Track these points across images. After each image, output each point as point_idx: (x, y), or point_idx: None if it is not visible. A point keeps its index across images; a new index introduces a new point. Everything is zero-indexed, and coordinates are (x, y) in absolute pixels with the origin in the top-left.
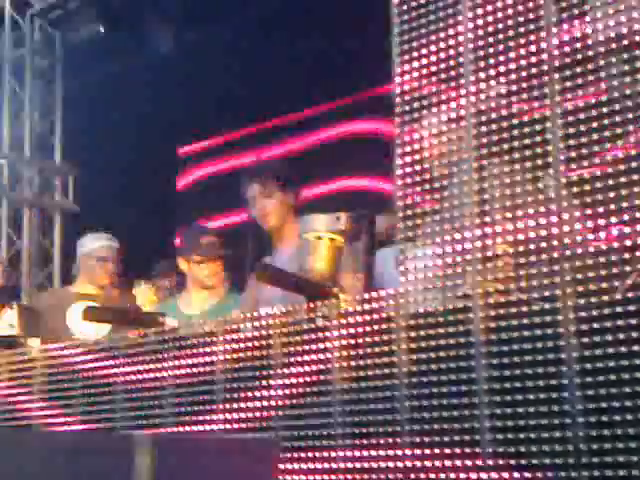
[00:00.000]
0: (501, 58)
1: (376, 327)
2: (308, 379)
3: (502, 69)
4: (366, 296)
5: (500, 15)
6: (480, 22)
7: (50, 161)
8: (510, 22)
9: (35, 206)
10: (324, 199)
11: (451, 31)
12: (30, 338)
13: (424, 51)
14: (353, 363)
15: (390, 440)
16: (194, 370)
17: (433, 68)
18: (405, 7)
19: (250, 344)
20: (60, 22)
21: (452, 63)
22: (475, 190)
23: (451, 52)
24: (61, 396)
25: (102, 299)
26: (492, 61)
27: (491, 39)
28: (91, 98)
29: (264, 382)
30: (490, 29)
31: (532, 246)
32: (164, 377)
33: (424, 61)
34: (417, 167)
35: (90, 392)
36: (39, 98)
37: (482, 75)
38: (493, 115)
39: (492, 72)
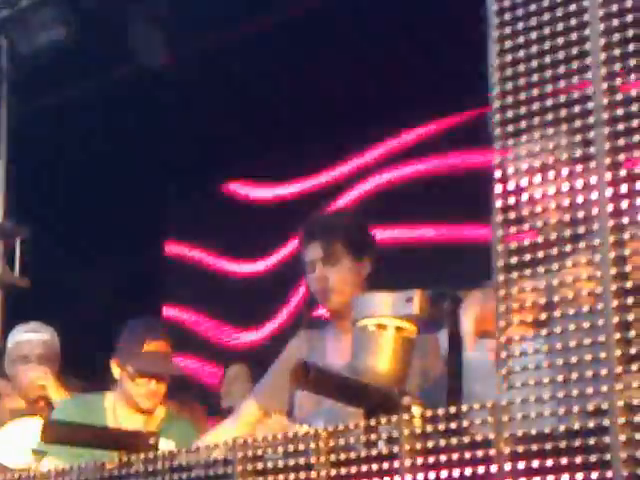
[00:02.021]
0: None
1: (467, 455)
2: None
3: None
4: (451, 410)
5: None
6: None
7: None
8: None
9: None
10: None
11: None
12: None
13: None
14: None
15: None
16: None
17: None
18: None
19: (281, 478)
20: (8, 25)
21: None
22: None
23: None
24: None
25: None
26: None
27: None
28: (48, 129)
29: None
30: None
31: None
32: None
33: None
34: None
35: None
36: None
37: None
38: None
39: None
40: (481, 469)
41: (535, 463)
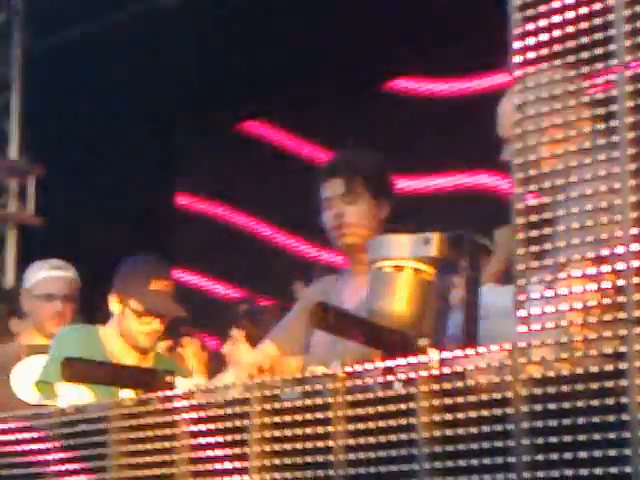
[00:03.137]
0: None
1: (484, 397)
2: (383, 469)
3: None
4: (469, 352)
5: None
6: None
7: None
8: None
9: None
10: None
11: None
12: None
13: None
14: (449, 448)
15: None
16: (214, 454)
17: None
18: None
19: (298, 418)
20: None
21: None
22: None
23: None
24: None
25: None
26: None
27: None
28: (64, 67)
29: (319, 474)
30: None
31: None
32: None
33: None
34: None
35: None
36: None
37: None
38: None
39: None
40: (497, 411)
41: (551, 406)
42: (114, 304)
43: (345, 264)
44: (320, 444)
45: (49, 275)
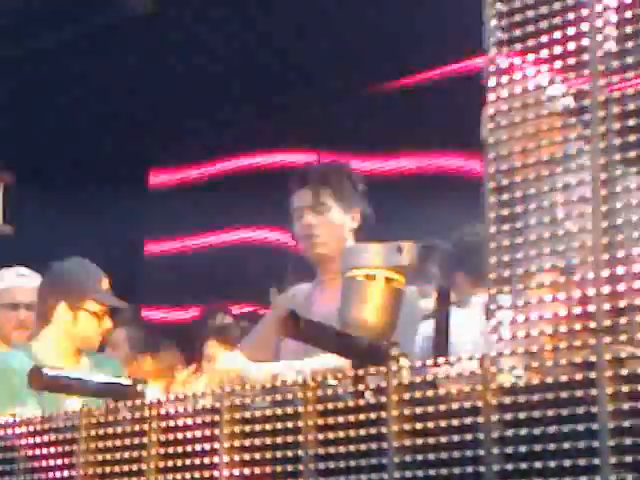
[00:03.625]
0: None
1: (454, 406)
2: (354, 478)
3: None
4: (439, 361)
5: None
6: None
7: None
8: None
9: None
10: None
11: None
12: None
13: None
14: (419, 457)
15: None
16: (185, 463)
17: None
18: None
19: (268, 427)
20: None
21: None
22: (603, 212)
23: None
24: None
25: None
26: None
27: None
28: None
29: None
30: None
31: None
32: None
33: None
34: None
35: None
36: None
37: None
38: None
39: None
40: (467, 420)
41: (522, 415)
42: (63, 311)
43: (316, 274)
44: (290, 453)
45: (13, 284)
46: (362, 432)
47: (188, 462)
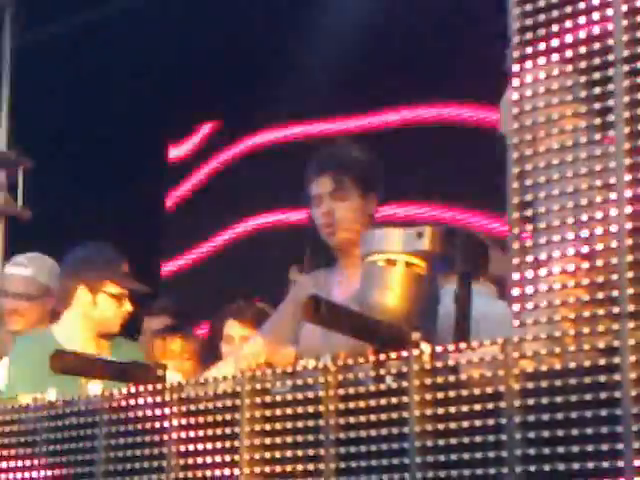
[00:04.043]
0: None
1: (476, 391)
2: (375, 462)
3: None
4: (461, 346)
5: None
6: None
7: None
8: None
9: None
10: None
11: None
12: None
13: None
14: (441, 442)
15: None
16: (206, 447)
17: None
18: None
19: (289, 411)
20: None
21: None
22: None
23: None
24: None
25: None
26: None
27: None
28: (53, 59)
29: (310, 468)
30: None
31: None
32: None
33: None
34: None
35: None
36: None
37: None
38: None
39: None
40: (490, 405)
41: (544, 400)
42: (83, 294)
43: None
44: (311, 438)
45: (7, 271)
46: (383, 417)
47: (209, 446)
